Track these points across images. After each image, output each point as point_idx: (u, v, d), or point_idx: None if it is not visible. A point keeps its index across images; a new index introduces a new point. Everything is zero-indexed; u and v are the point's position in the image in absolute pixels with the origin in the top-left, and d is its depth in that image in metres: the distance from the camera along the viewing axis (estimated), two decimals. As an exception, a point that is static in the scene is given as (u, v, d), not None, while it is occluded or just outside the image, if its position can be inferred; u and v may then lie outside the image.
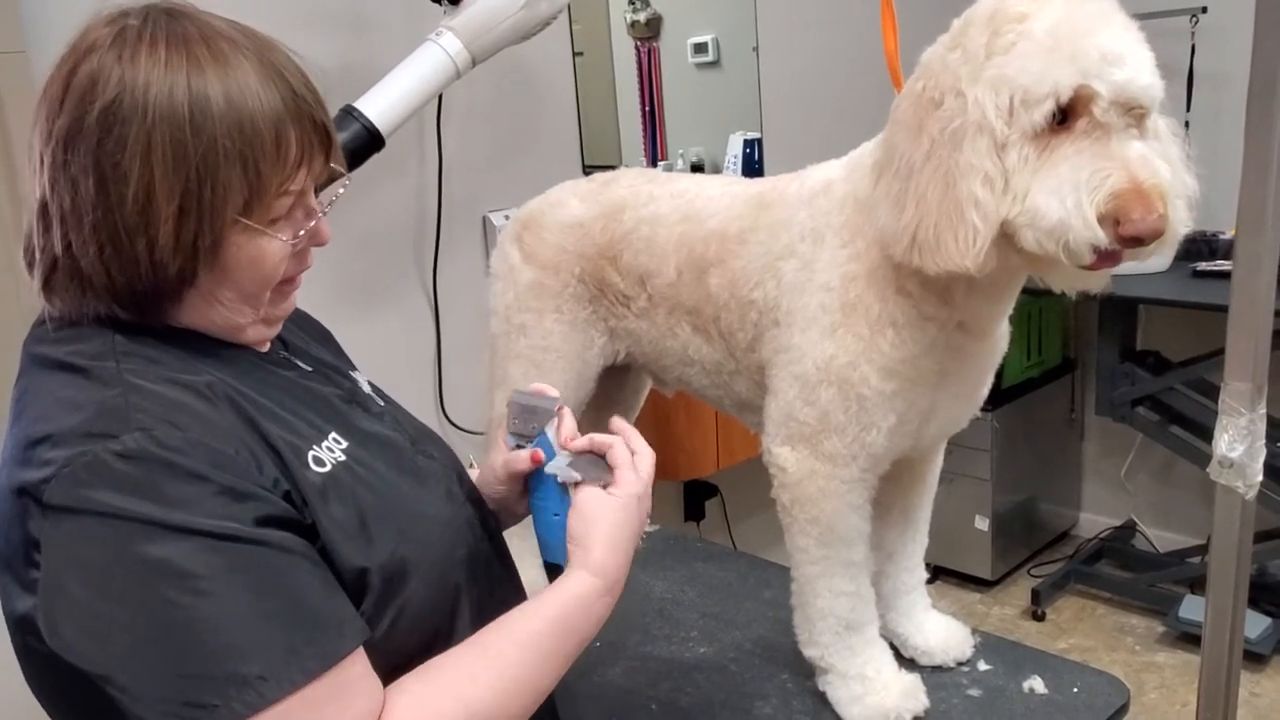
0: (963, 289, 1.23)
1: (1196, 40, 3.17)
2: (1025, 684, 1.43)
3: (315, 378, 1.02)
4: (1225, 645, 1.38)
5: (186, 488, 0.78)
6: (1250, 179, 1.24)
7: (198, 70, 0.84)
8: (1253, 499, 1.33)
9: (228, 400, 0.86)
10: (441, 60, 1.81)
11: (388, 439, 1.01)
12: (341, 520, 0.88)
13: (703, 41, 2.97)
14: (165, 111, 0.82)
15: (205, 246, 0.86)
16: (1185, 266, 3.11)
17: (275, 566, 0.80)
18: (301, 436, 0.90)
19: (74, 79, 0.84)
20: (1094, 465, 3.85)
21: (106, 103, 0.82)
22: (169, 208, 0.83)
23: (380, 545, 0.90)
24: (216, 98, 0.84)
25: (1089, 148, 1.07)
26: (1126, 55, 1.07)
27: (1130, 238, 1.05)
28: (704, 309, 1.44)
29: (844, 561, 1.36)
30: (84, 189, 0.83)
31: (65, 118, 0.83)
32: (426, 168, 2.20)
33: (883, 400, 1.28)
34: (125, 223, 0.83)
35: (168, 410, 0.81)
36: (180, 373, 0.86)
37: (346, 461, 0.92)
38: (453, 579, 0.98)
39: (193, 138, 0.83)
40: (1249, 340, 1.28)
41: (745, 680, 1.51)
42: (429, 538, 0.96)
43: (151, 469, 0.77)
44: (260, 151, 0.86)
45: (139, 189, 0.83)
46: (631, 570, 1.80)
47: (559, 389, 1.60)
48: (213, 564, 0.76)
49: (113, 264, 0.85)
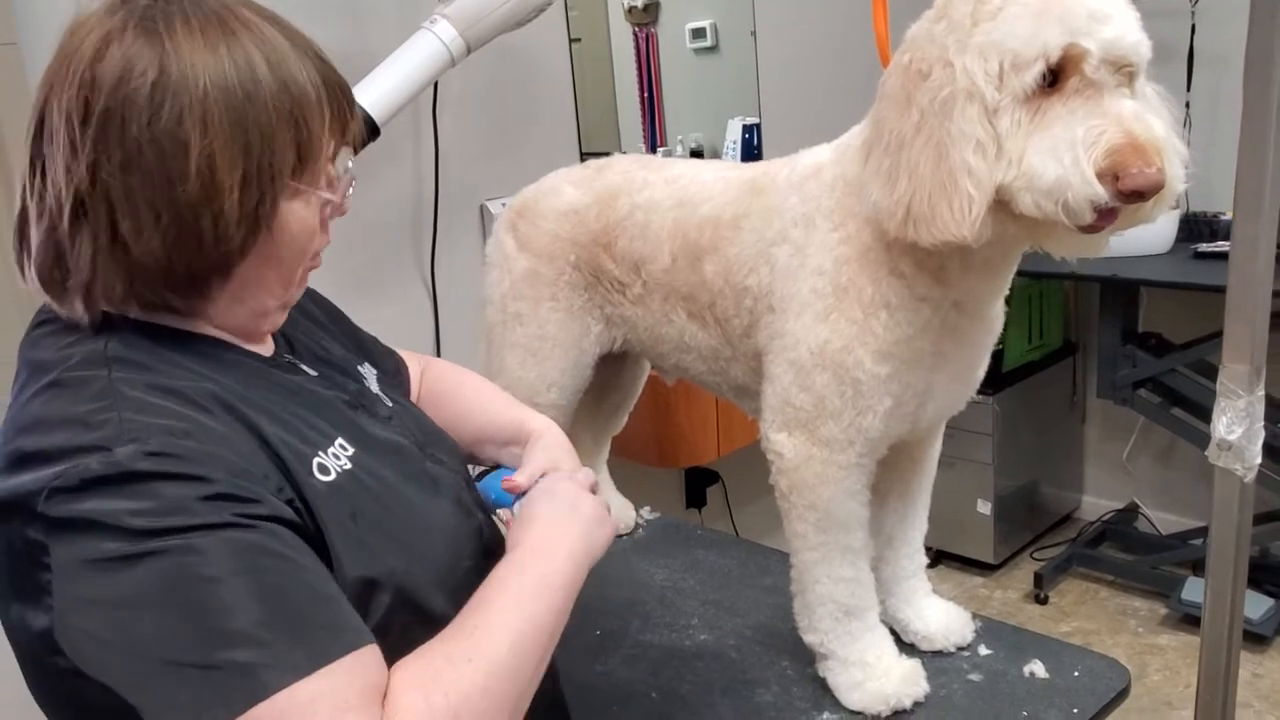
0: (958, 267, 1.23)
1: (1197, 20, 3.15)
2: (1026, 668, 1.43)
3: (321, 382, 1.00)
4: (1225, 627, 1.38)
5: (185, 490, 0.75)
6: (1246, 161, 1.23)
7: (234, 38, 0.84)
8: (1251, 481, 1.33)
9: (226, 407, 0.84)
10: (436, 48, 1.80)
11: (396, 445, 1.00)
12: (347, 530, 0.87)
13: (701, 26, 2.96)
14: (216, 79, 0.82)
15: (265, 214, 0.85)
16: (1186, 248, 3.10)
17: (280, 568, 0.77)
18: (307, 442, 0.89)
19: (100, 70, 0.81)
20: (1096, 448, 3.85)
21: (154, 79, 0.80)
22: (232, 176, 0.82)
23: (385, 557, 0.89)
24: (259, 62, 0.84)
25: (1082, 106, 1.06)
26: (1113, 14, 1.07)
27: (1130, 192, 1.04)
28: (699, 295, 1.44)
29: (842, 547, 1.36)
30: (139, 168, 0.81)
31: (105, 98, 0.81)
32: (423, 156, 2.20)
33: (878, 384, 1.27)
34: (189, 197, 0.82)
35: (160, 419, 0.79)
36: (176, 379, 0.84)
37: (353, 470, 0.91)
38: (459, 591, 0.94)
39: (246, 102, 0.83)
40: (1246, 322, 1.28)
41: (746, 667, 1.51)
42: (434, 550, 0.95)
43: (148, 477, 0.75)
44: (308, 110, 0.86)
45: (201, 161, 0.81)
46: (632, 558, 1.82)
47: (556, 376, 1.61)
48: (220, 563, 0.74)
49: (174, 244, 0.83)
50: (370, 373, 1.11)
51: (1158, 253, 3.12)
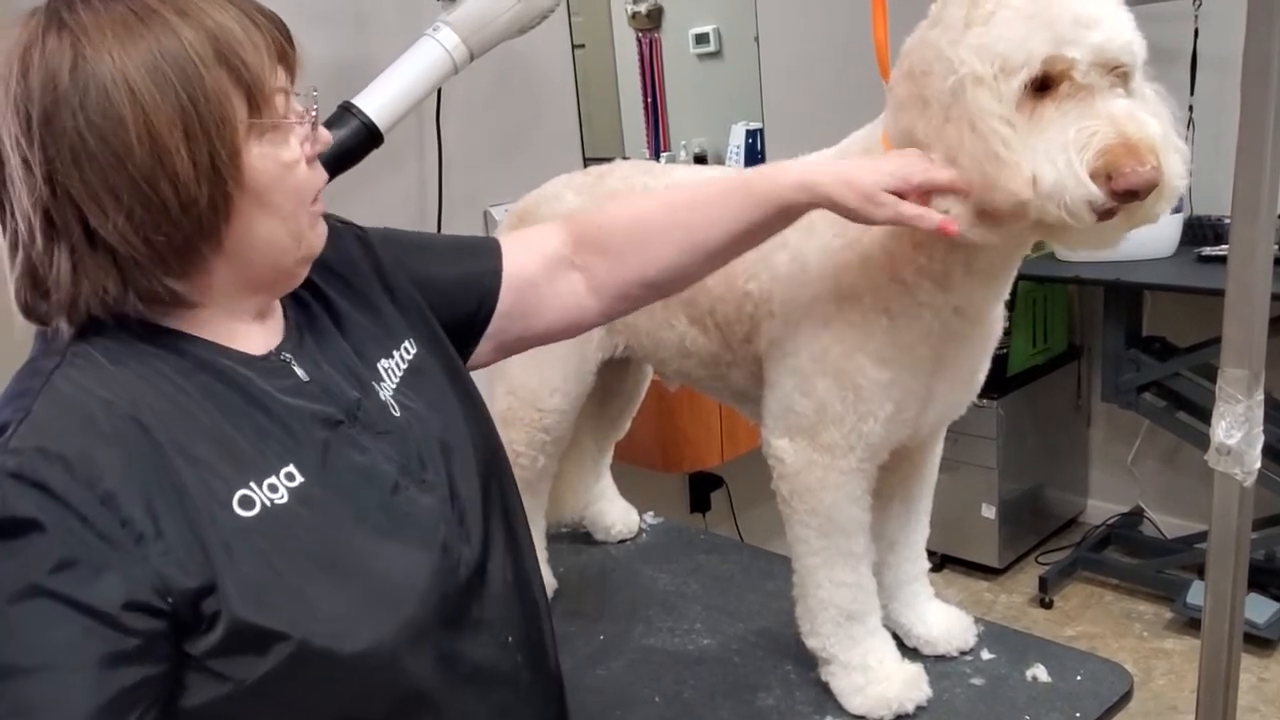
0: (961, 273, 1.23)
1: (1200, 24, 3.15)
2: (1028, 672, 1.43)
3: (308, 392, 0.95)
4: (1225, 632, 1.38)
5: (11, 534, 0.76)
6: (1244, 165, 1.23)
7: (140, 5, 0.83)
8: (1251, 485, 1.33)
9: (144, 430, 0.83)
10: (439, 55, 1.81)
11: (369, 473, 0.94)
12: (248, 572, 0.83)
13: (704, 32, 2.97)
14: (129, 45, 0.81)
15: (224, 163, 0.84)
16: (1190, 252, 3.10)
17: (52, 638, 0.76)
18: (240, 469, 0.86)
19: (29, 75, 0.82)
20: (1100, 452, 3.85)
21: (70, 65, 0.81)
22: (174, 135, 0.82)
23: (293, 607, 0.84)
24: (170, 15, 0.83)
25: (1073, 109, 1.06)
26: (1101, 17, 1.07)
27: (1124, 191, 1.04)
28: (699, 301, 1.44)
29: (844, 552, 1.36)
30: (88, 155, 0.81)
31: (39, 103, 0.81)
32: (426, 163, 2.20)
33: (879, 389, 1.28)
34: (141, 170, 0.81)
35: (48, 436, 0.79)
36: (111, 385, 0.84)
37: (287, 505, 0.87)
38: (402, 639, 0.90)
39: (164, 58, 0.82)
40: (1244, 327, 1.28)
41: (748, 672, 1.51)
42: (369, 599, 0.89)
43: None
44: (238, 46, 0.85)
45: (139, 129, 0.81)
46: (635, 563, 1.82)
47: (559, 382, 1.62)
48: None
49: (143, 221, 0.82)
50: (395, 370, 1.05)
51: (1161, 256, 3.12)
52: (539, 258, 1.19)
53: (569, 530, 2.01)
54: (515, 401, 1.61)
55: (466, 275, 1.16)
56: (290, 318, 1.00)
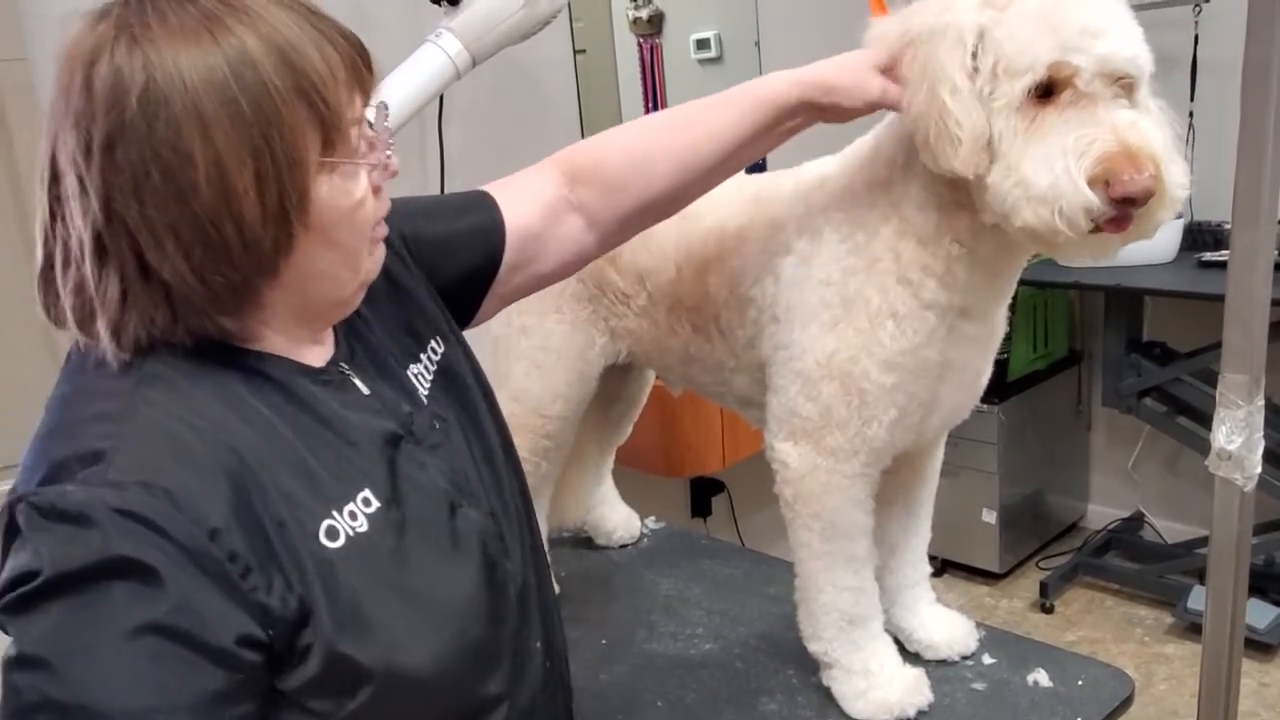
0: (964, 268, 1.23)
1: (1200, 30, 3.16)
2: (1030, 677, 1.43)
3: (369, 406, 0.92)
4: (1226, 636, 1.38)
5: (100, 551, 0.73)
6: (1244, 170, 1.24)
7: (217, 23, 0.77)
8: (1251, 491, 1.33)
9: (234, 457, 0.79)
10: (441, 61, 1.82)
11: (430, 491, 0.92)
12: (340, 604, 0.81)
13: (705, 37, 2.97)
14: (204, 75, 0.75)
15: (293, 205, 0.79)
16: (1191, 257, 3.11)
17: (163, 672, 0.74)
18: (322, 500, 0.83)
19: (94, 88, 0.76)
20: (1101, 457, 3.85)
21: (140, 90, 0.75)
22: (244, 176, 0.76)
23: (377, 639, 0.83)
24: (250, 41, 0.77)
25: (1074, 116, 1.07)
26: (1109, 27, 1.08)
27: (1121, 198, 1.04)
28: (703, 307, 1.45)
29: (847, 556, 1.37)
30: (150, 189, 0.76)
31: (101, 126, 0.76)
32: (429, 168, 2.21)
33: (884, 393, 1.28)
34: (206, 209, 0.76)
35: (148, 469, 0.76)
36: (195, 409, 0.80)
37: (367, 534, 0.85)
38: (464, 659, 0.90)
39: (241, 92, 0.76)
40: (1245, 332, 1.28)
41: (750, 676, 1.51)
42: (434, 626, 0.88)
43: (93, 527, 0.73)
44: (318, 79, 0.79)
45: (208, 167, 0.76)
46: (637, 568, 1.82)
47: (561, 389, 1.62)
48: (113, 648, 0.72)
49: (202, 262, 0.78)
50: (431, 360, 1.03)
51: (1162, 261, 3.12)
52: (538, 207, 1.17)
53: (571, 535, 2.01)
54: (518, 408, 1.61)
55: (472, 230, 1.13)
56: (338, 328, 0.96)
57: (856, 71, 1.15)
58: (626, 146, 1.20)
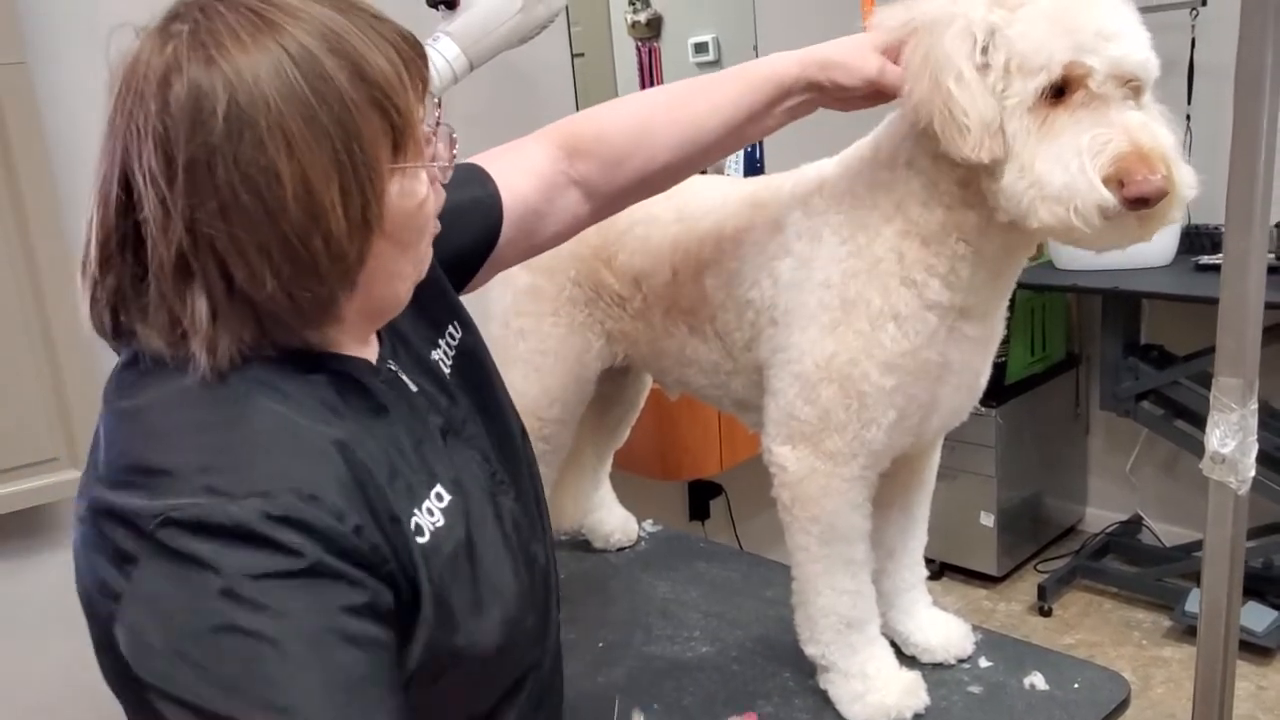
0: (968, 267, 1.24)
1: (1196, 34, 3.17)
2: (1026, 680, 1.43)
3: (420, 403, 0.93)
4: (1220, 639, 1.39)
5: (292, 563, 0.73)
6: (1237, 175, 1.24)
7: (284, 34, 0.76)
8: (1245, 494, 1.33)
9: (347, 461, 0.80)
10: (439, 65, 1.82)
11: (475, 480, 0.95)
12: (434, 596, 0.84)
13: (703, 41, 2.98)
14: (284, 92, 0.74)
15: (374, 215, 0.79)
16: (1188, 260, 3.12)
17: (354, 670, 0.75)
18: (409, 496, 0.85)
19: (170, 109, 0.74)
20: (1099, 460, 3.85)
21: (225, 109, 0.74)
22: (330, 191, 0.76)
23: (462, 628, 0.86)
24: (320, 52, 0.76)
25: (1087, 117, 1.08)
26: (1122, 31, 1.09)
27: (1135, 198, 1.05)
28: (700, 309, 1.45)
29: (844, 559, 1.37)
30: (238, 209, 0.75)
31: (186, 148, 0.74)
32: (427, 172, 2.21)
33: (883, 396, 1.28)
34: (295, 227, 0.76)
35: (289, 474, 0.76)
36: (306, 416, 0.80)
37: (445, 526, 0.87)
38: (517, 644, 0.94)
39: (322, 107, 0.75)
40: (1238, 336, 1.28)
41: (747, 679, 1.51)
42: (503, 613, 0.91)
43: (263, 542, 0.73)
44: (388, 86, 0.79)
45: (295, 185, 0.75)
46: (634, 571, 1.82)
47: (558, 392, 1.62)
48: (297, 647, 0.73)
49: (291, 279, 0.77)
50: (449, 345, 1.04)
51: (1159, 265, 3.13)
52: (535, 180, 1.16)
53: (568, 538, 2.01)
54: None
55: (472, 203, 1.13)
56: (383, 335, 0.96)
57: (856, 49, 1.18)
58: (628, 119, 1.20)
